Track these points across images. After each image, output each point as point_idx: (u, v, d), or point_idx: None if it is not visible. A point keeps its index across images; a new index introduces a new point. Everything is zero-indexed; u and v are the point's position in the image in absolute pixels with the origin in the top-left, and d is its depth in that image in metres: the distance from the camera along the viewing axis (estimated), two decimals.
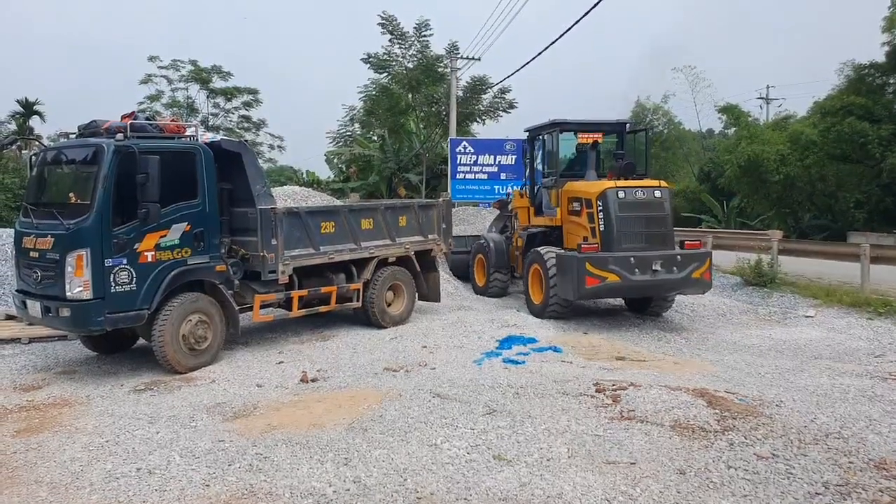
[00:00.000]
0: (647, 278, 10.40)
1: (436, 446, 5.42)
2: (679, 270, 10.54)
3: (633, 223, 10.72)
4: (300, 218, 9.48)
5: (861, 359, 8.89)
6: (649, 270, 10.39)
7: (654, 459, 5.12)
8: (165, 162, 7.79)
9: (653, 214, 10.89)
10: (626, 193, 10.77)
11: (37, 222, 7.95)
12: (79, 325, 7.72)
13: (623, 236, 10.62)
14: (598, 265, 10.25)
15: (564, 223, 11.87)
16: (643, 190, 10.95)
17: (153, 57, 34.50)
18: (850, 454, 5.13)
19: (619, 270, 10.28)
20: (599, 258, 10.33)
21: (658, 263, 10.42)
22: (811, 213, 27.76)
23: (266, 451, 5.39)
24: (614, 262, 10.31)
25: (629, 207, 10.73)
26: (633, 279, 10.32)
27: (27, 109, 41.56)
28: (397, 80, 28.95)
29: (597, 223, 10.78)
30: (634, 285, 10.50)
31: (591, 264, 10.23)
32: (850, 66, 25.32)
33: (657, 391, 6.57)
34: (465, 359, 8.55)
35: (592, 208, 10.85)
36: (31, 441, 5.81)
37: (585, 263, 10.21)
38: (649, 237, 10.80)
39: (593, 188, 11.01)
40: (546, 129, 12.54)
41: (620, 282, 10.32)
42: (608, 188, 10.76)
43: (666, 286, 10.86)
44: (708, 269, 10.92)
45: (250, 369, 8.23)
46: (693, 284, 10.86)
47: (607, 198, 10.67)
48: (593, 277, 10.22)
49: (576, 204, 11.41)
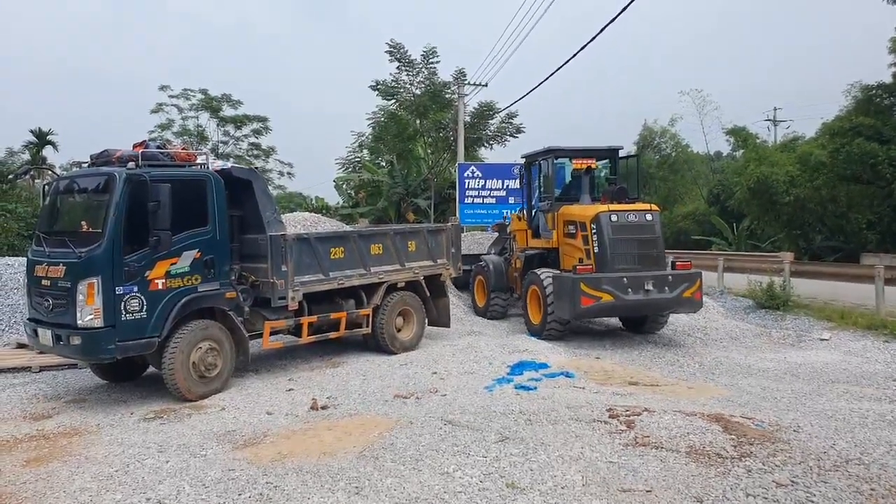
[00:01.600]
0: (639, 298, 10.75)
1: (448, 474, 5.35)
2: (670, 290, 10.92)
3: (625, 245, 11.11)
4: (310, 244, 9.49)
5: (879, 382, 8.76)
6: (641, 290, 10.74)
7: (671, 487, 5.03)
8: (176, 190, 7.84)
9: (644, 237, 11.28)
10: (618, 217, 11.17)
11: (49, 251, 7.99)
12: (89, 354, 7.72)
13: (616, 257, 11.00)
14: (592, 285, 10.62)
15: (561, 245, 12.22)
16: (635, 213, 11.34)
17: (164, 86, 34.83)
18: (871, 481, 5.02)
19: (613, 290, 10.62)
20: (594, 279, 10.72)
21: (650, 283, 10.77)
22: (822, 235, 27.57)
23: (276, 481, 5.33)
24: (608, 283, 10.67)
25: (622, 230, 11.12)
26: (626, 299, 10.67)
27: (41, 139, 42.09)
28: (405, 106, 29.13)
29: (591, 245, 11.18)
30: (628, 304, 10.85)
31: (586, 285, 10.60)
32: (857, 87, 25.31)
33: (672, 416, 6.48)
34: (477, 385, 8.48)
35: (587, 231, 11.27)
36: (41, 471, 5.77)
37: (580, 284, 10.59)
38: (641, 258, 11.17)
39: (587, 212, 11.42)
40: (542, 155, 12.99)
41: (614, 301, 10.67)
42: (601, 212, 11.16)
43: (658, 305, 11.23)
44: (699, 288, 11.26)
45: (260, 397, 8.18)
46: (684, 304, 11.21)
47: (601, 221, 11.09)
48: (588, 297, 10.58)
49: (571, 227, 11.81)
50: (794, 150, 29.03)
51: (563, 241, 12.12)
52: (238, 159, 35.57)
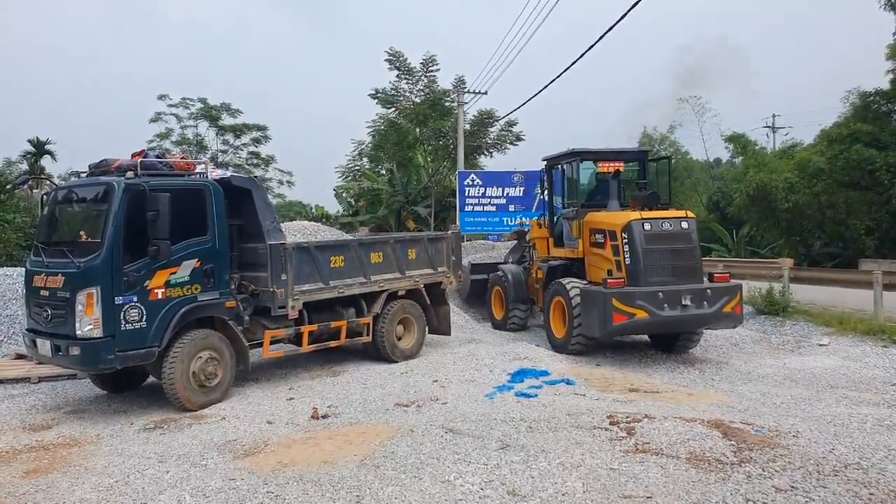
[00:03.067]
0: (676, 314, 9.95)
1: (449, 482, 5.35)
2: (710, 305, 10.11)
3: (659, 256, 10.30)
4: (310, 252, 9.50)
5: (878, 387, 8.76)
6: (679, 305, 9.94)
7: (671, 493, 5.02)
8: (175, 199, 7.85)
9: (680, 246, 10.49)
10: (651, 225, 10.34)
11: (48, 261, 7.99)
12: (89, 364, 7.72)
13: (650, 270, 10.20)
14: (625, 301, 9.81)
15: (587, 255, 11.46)
16: (669, 221, 10.53)
17: (163, 95, 34.94)
18: (870, 485, 5.03)
19: (648, 306, 9.83)
20: (627, 293, 9.89)
21: (688, 298, 9.98)
22: (821, 241, 27.59)
23: (277, 490, 5.33)
24: (642, 298, 9.86)
25: (655, 240, 10.30)
26: (662, 315, 9.87)
27: (39, 149, 42.17)
28: (405, 114, 29.22)
29: (622, 256, 10.36)
30: (664, 321, 10.04)
31: (618, 300, 9.80)
32: (855, 94, 25.36)
33: (672, 423, 6.48)
34: (477, 393, 8.48)
35: (617, 241, 10.45)
36: (41, 482, 5.77)
37: (612, 299, 9.78)
38: (677, 270, 10.38)
39: (617, 219, 10.63)
40: (565, 157, 12.18)
41: (649, 318, 9.87)
42: (633, 220, 10.33)
43: (696, 322, 10.37)
44: (739, 302, 10.52)
45: (260, 406, 8.18)
46: (724, 319, 10.43)
47: (633, 230, 10.26)
48: (621, 314, 9.78)
49: (598, 236, 11.00)
50: (792, 156, 29.07)
51: (589, 251, 11.34)
52: (237, 168, 35.63)
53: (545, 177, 13.14)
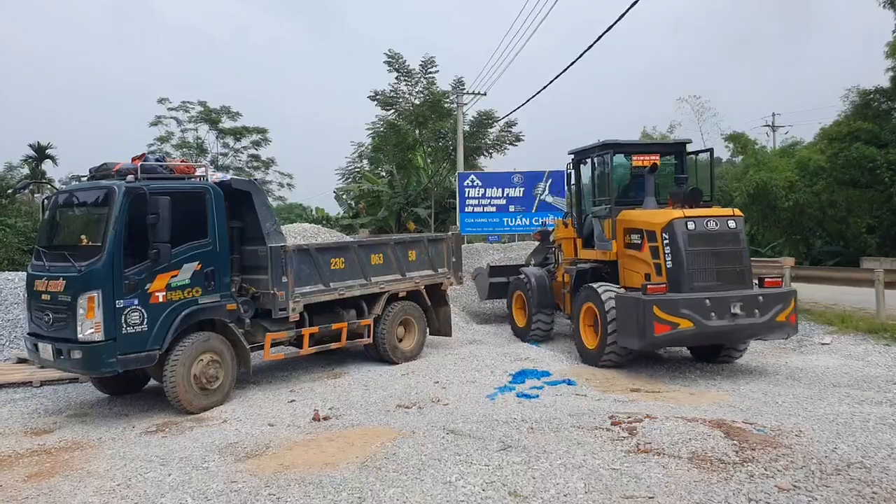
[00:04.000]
0: (724, 323, 8.97)
1: (450, 484, 5.34)
2: (761, 313, 9.13)
3: (704, 259, 9.32)
4: (310, 255, 9.50)
5: (880, 386, 8.75)
6: (728, 314, 8.97)
7: (673, 493, 5.02)
8: (176, 202, 7.86)
9: (727, 248, 9.48)
10: (696, 224, 9.38)
11: (49, 265, 8.00)
12: (91, 367, 7.72)
13: (694, 274, 9.24)
14: (668, 309, 8.82)
15: (621, 257, 10.50)
16: (715, 220, 9.55)
17: (163, 99, 35.06)
18: (873, 484, 5.02)
19: (694, 315, 8.84)
20: (670, 301, 8.91)
21: (737, 306, 9.00)
22: (822, 240, 27.63)
23: (279, 492, 5.33)
24: (687, 306, 8.88)
25: (700, 240, 9.33)
26: (709, 325, 8.89)
27: (39, 153, 42.23)
28: (404, 116, 29.24)
29: (662, 259, 9.42)
30: (711, 332, 9.05)
31: (660, 308, 8.80)
32: (855, 92, 25.40)
33: (673, 423, 6.48)
34: (479, 394, 8.48)
35: (657, 241, 9.51)
36: (43, 486, 5.77)
37: (653, 307, 8.78)
38: (724, 275, 9.38)
39: (657, 218, 9.68)
40: (596, 150, 11.07)
41: (695, 329, 8.88)
42: (675, 218, 9.38)
43: (747, 332, 9.41)
44: (794, 310, 9.48)
45: (262, 408, 8.18)
46: (777, 329, 9.44)
47: (675, 229, 9.32)
48: (663, 324, 8.79)
49: (635, 236, 10.06)
50: (793, 155, 29.11)
51: (624, 253, 10.37)
52: (238, 171, 35.72)
53: (572, 172, 12.06)
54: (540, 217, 21.22)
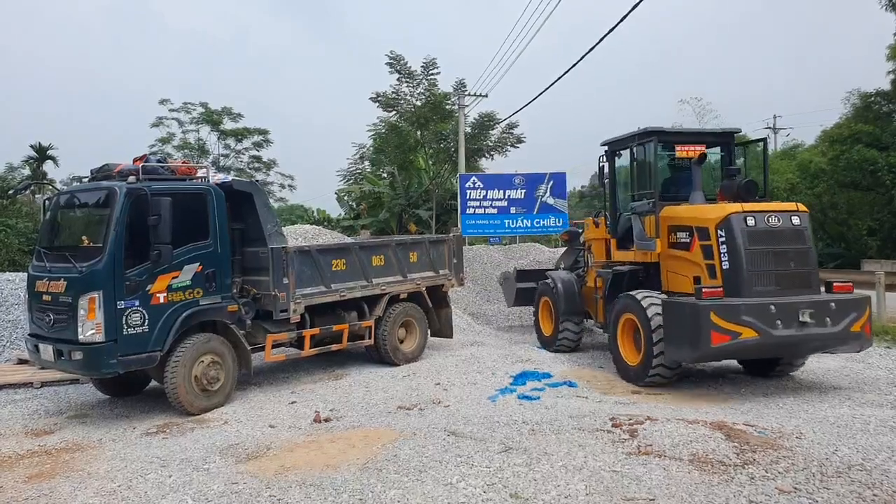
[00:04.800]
0: (792, 333, 7.90)
1: (451, 485, 5.34)
2: (833, 322, 8.07)
3: (766, 259, 8.29)
4: (311, 256, 9.51)
5: (881, 388, 8.74)
6: (795, 323, 7.91)
7: (674, 495, 5.02)
8: (177, 203, 7.87)
9: (792, 248, 8.43)
10: (756, 220, 8.35)
11: (50, 266, 8.00)
12: (91, 369, 7.72)
13: (755, 277, 8.21)
14: (727, 316, 7.79)
15: (663, 259, 9.49)
16: (777, 215, 8.50)
17: (164, 100, 35.06)
18: (873, 486, 5.02)
19: (757, 323, 7.80)
20: (730, 307, 7.87)
21: (807, 313, 7.93)
22: (823, 242, 27.61)
23: (280, 494, 5.33)
24: (750, 312, 7.83)
25: (761, 238, 8.31)
26: (775, 335, 7.83)
27: (41, 154, 42.28)
28: (406, 117, 29.24)
29: (717, 259, 8.42)
30: (777, 343, 7.96)
31: (719, 315, 7.77)
32: (856, 95, 25.45)
33: (674, 425, 6.47)
34: (480, 395, 8.48)
35: (710, 239, 8.51)
36: (44, 487, 5.77)
37: (710, 313, 7.76)
38: (787, 278, 8.34)
39: (711, 213, 8.65)
40: (637, 139, 9.96)
41: (759, 338, 7.81)
42: (733, 213, 8.38)
43: (815, 343, 8.32)
44: (868, 319, 8.41)
45: (263, 410, 8.18)
46: (851, 340, 8.36)
47: (732, 226, 8.31)
48: (722, 333, 7.75)
49: (682, 234, 9.05)
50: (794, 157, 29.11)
51: (668, 254, 9.33)
52: (239, 172, 35.73)
53: (605, 165, 10.87)
54: (541, 219, 21.20)
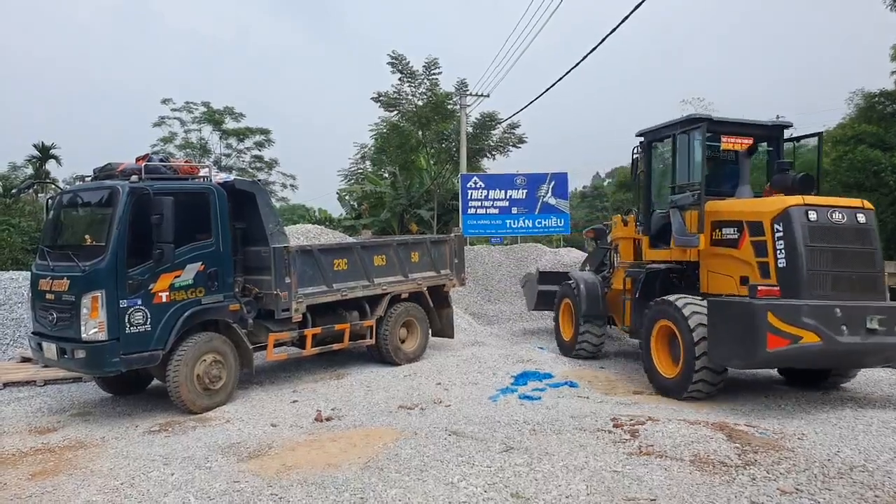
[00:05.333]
0: (857, 340, 7.13)
1: (452, 485, 5.35)
2: None
3: (827, 259, 7.54)
4: (313, 256, 9.52)
5: (883, 389, 8.74)
6: (862, 329, 7.16)
7: (675, 496, 5.02)
8: (180, 203, 7.89)
9: (856, 248, 7.69)
10: (818, 214, 7.60)
11: (53, 265, 8.02)
12: (94, 367, 7.74)
13: (814, 278, 7.45)
14: (787, 318, 7.02)
15: (704, 258, 8.82)
16: (841, 211, 7.71)
17: (166, 100, 35.00)
18: (875, 487, 5.02)
19: (821, 327, 7.03)
20: (790, 308, 7.11)
21: (875, 320, 7.17)
22: None
23: (281, 492, 5.33)
24: (813, 315, 7.08)
25: (823, 236, 7.57)
26: (840, 342, 7.07)
27: (44, 153, 42.31)
28: (407, 117, 29.24)
29: (771, 257, 7.70)
30: (840, 351, 7.20)
31: (777, 316, 7.01)
32: (859, 95, 25.37)
33: (676, 425, 6.48)
34: (481, 395, 8.48)
35: (764, 234, 7.80)
36: (47, 484, 5.78)
37: (767, 314, 6.99)
38: (850, 281, 7.56)
39: (766, 206, 7.96)
40: (681, 126, 9.09)
41: (821, 345, 7.03)
42: (793, 205, 7.62)
43: (882, 354, 7.57)
44: None
45: (265, 409, 8.19)
46: None
47: (792, 220, 7.55)
48: (780, 336, 6.98)
49: (729, 230, 8.37)
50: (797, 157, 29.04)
51: (711, 252, 8.61)
52: (241, 172, 35.70)
53: (639, 157, 10.09)
54: (542, 219, 21.23)
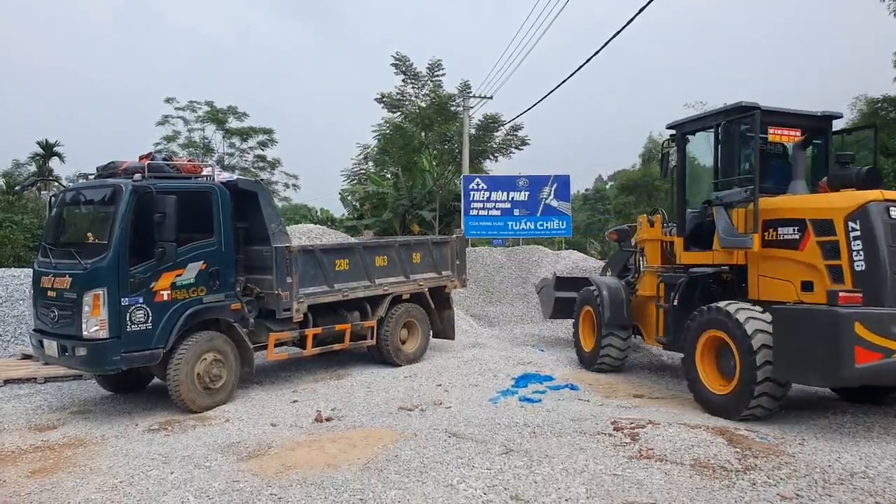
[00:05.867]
0: None
1: (452, 487, 5.34)
2: None
3: None
4: (315, 256, 9.52)
5: (883, 395, 8.71)
6: None
7: (675, 500, 5.01)
8: (182, 201, 7.89)
9: None
10: None
11: (55, 262, 8.03)
12: (95, 365, 7.74)
13: None
14: (877, 328, 6.24)
15: (754, 262, 7.95)
16: None
17: (170, 98, 35.11)
18: (875, 494, 5.01)
19: None
20: (881, 316, 6.34)
21: None
22: None
23: (281, 492, 5.33)
24: None
25: None
26: None
27: (47, 151, 42.36)
28: (410, 118, 29.28)
29: (845, 259, 6.86)
30: None
31: (866, 326, 6.21)
32: (862, 101, 25.37)
33: (676, 429, 6.47)
34: (481, 397, 8.48)
35: (835, 234, 6.95)
36: (46, 482, 5.78)
37: (855, 324, 6.20)
38: None
39: (838, 202, 7.09)
40: (728, 115, 8.23)
41: None
42: (872, 201, 6.79)
43: None
44: None
45: (265, 408, 8.19)
46: None
47: (871, 217, 6.72)
48: (871, 350, 6.20)
49: (787, 230, 7.48)
50: None
51: (765, 255, 7.75)
52: (244, 171, 35.75)
53: (671, 151, 9.38)
54: (544, 221, 21.22)
